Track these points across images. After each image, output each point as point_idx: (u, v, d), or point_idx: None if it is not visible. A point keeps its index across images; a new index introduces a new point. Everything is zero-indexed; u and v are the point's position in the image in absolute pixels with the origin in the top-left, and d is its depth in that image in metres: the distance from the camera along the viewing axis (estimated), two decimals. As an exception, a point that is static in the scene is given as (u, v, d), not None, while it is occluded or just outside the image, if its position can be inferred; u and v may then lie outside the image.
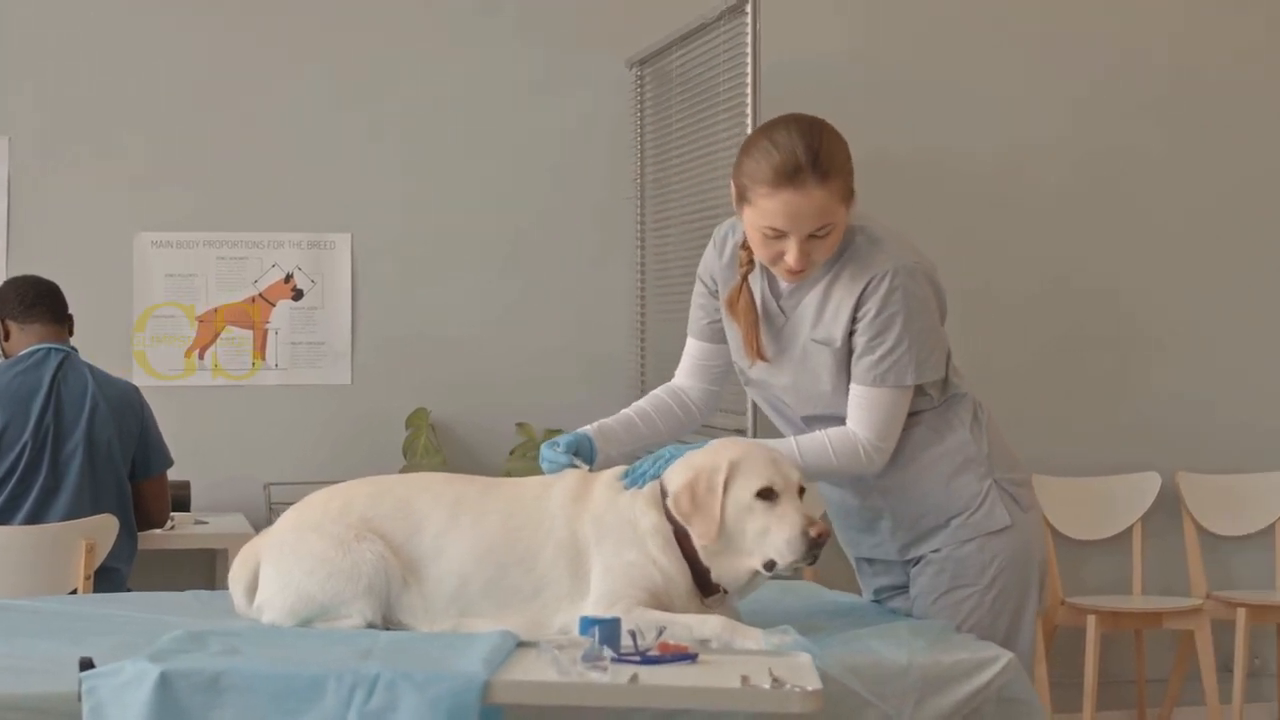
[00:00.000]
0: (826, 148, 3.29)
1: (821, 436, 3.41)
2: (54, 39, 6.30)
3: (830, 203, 3.29)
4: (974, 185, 6.86)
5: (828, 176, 3.27)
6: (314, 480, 5.97)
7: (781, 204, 3.28)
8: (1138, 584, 6.79)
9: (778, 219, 3.29)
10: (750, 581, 3.18)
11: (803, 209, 3.27)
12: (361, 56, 6.51)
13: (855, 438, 3.40)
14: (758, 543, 3.13)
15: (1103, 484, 6.84)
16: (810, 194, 3.26)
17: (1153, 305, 7.03)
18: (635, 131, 6.62)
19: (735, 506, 3.14)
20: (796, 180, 3.26)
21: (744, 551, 3.14)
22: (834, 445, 3.39)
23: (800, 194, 3.26)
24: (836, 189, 3.29)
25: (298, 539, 3.24)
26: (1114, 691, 6.81)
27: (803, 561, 3.10)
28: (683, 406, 3.70)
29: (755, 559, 3.13)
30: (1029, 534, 3.53)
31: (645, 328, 6.58)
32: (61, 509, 5.20)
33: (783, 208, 3.28)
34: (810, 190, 3.26)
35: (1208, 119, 7.08)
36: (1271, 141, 7.14)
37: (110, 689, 2.68)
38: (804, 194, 3.26)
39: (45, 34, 6.29)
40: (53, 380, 5.28)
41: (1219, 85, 7.09)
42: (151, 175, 6.36)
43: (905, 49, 6.83)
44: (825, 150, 3.28)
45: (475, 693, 2.61)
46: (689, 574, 3.16)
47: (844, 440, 3.40)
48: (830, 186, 3.28)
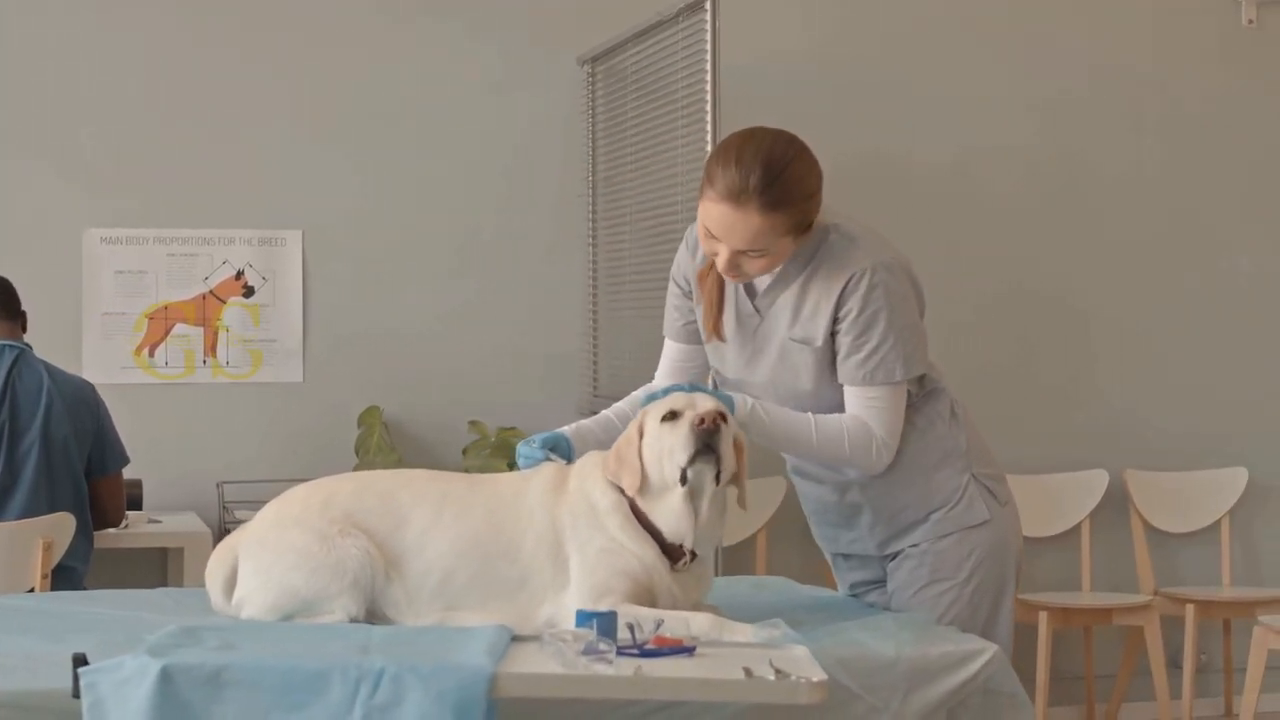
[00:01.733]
0: (787, 179, 3.26)
1: (839, 421, 3.40)
2: (3, 34, 6.22)
3: (768, 232, 3.27)
4: (930, 188, 6.88)
5: (775, 208, 3.25)
6: (267, 479, 5.99)
7: (720, 214, 3.28)
8: (1087, 580, 6.83)
9: (713, 225, 3.29)
10: (691, 519, 3.13)
11: (737, 227, 3.27)
12: (314, 54, 6.46)
13: (871, 432, 3.39)
14: (669, 465, 3.12)
15: (1052, 481, 6.88)
16: (749, 218, 3.25)
17: (1103, 308, 7.09)
18: (587, 128, 6.61)
19: (648, 446, 3.15)
20: (740, 201, 3.25)
21: (665, 483, 3.14)
22: (850, 433, 3.39)
23: (739, 214, 3.26)
24: (781, 221, 3.27)
25: (279, 534, 3.22)
26: (1064, 687, 6.86)
27: (703, 460, 3.08)
28: None
29: (671, 482, 3.12)
30: (1006, 527, 3.54)
31: (598, 325, 6.57)
32: (18, 507, 5.14)
33: (720, 218, 3.28)
34: (750, 215, 3.25)
35: (1164, 128, 7.15)
36: (1227, 152, 7.20)
37: (110, 684, 2.64)
38: (743, 215, 3.25)
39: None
40: (7, 377, 5.21)
41: (1176, 93, 7.16)
42: (101, 171, 6.29)
43: (864, 51, 6.85)
44: (784, 182, 3.26)
45: (483, 685, 2.60)
46: (652, 542, 3.15)
47: (860, 431, 3.39)
48: (774, 218, 3.26)
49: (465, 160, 6.57)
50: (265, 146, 6.41)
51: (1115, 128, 7.09)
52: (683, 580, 3.17)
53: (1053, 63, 7.03)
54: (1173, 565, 7.05)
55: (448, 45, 6.56)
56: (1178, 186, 7.16)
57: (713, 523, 3.19)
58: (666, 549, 3.15)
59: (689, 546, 3.15)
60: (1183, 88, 7.16)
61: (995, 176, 6.97)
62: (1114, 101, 7.09)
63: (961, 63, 6.94)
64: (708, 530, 3.18)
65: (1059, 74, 7.03)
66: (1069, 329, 7.06)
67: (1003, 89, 6.97)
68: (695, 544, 3.16)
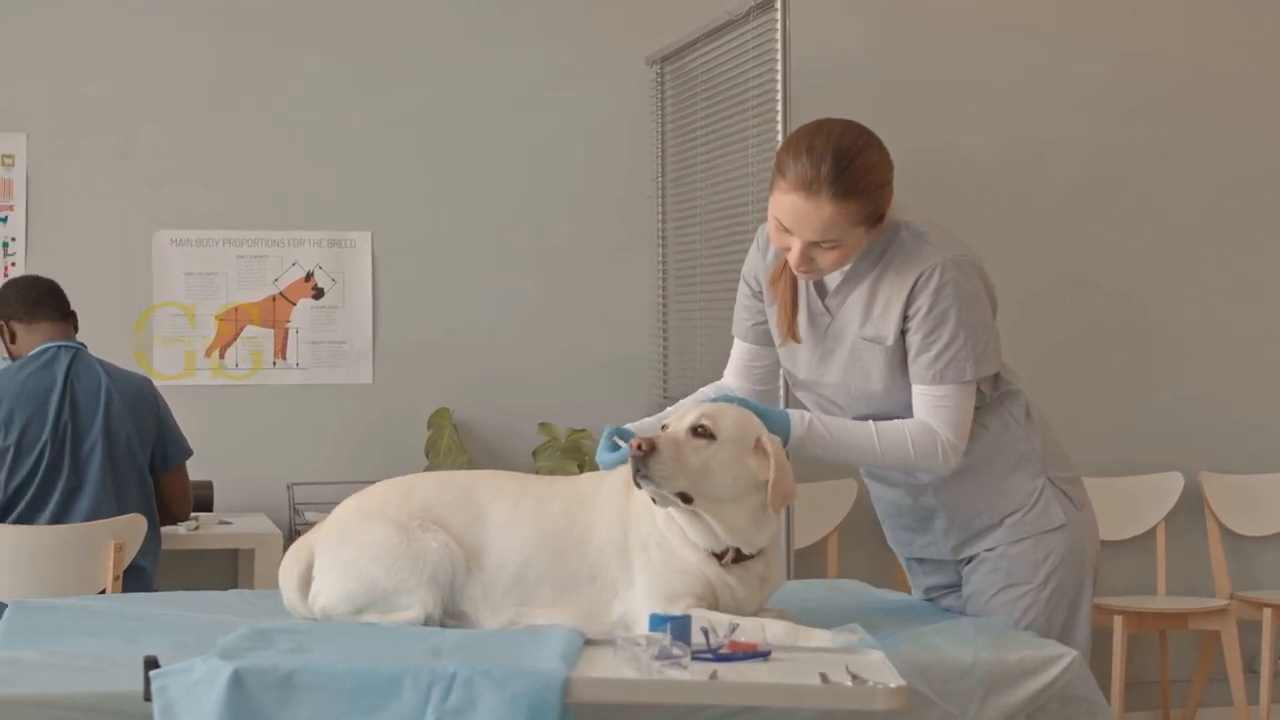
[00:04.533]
0: (858, 168, 3.23)
1: (902, 426, 3.35)
2: (72, 35, 6.25)
3: (840, 222, 3.23)
4: (994, 180, 6.84)
5: (846, 197, 3.22)
6: (337, 480, 5.99)
7: (791, 205, 3.24)
8: (1162, 584, 6.76)
9: (784, 216, 3.27)
10: (697, 524, 3.11)
11: (809, 218, 3.24)
12: (383, 54, 6.47)
13: (935, 433, 3.34)
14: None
15: (1125, 484, 6.80)
16: (820, 207, 3.22)
17: (1173, 304, 7.02)
18: (656, 129, 6.58)
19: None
20: (811, 190, 3.22)
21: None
22: (913, 438, 3.34)
23: (811, 204, 3.22)
24: (853, 210, 3.23)
25: (360, 525, 3.22)
26: (1139, 693, 6.79)
27: (643, 481, 3.05)
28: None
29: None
30: (1083, 531, 3.50)
31: (667, 325, 6.55)
32: (85, 507, 5.15)
33: (791, 209, 3.25)
34: (821, 204, 3.22)
35: (1227, 115, 7.07)
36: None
37: (181, 688, 2.63)
38: (814, 205, 3.22)
39: (63, 30, 6.24)
40: (66, 378, 5.22)
41: (1239, 81, 7.07)
42: (171, 173, 6.32)
43: (932, 46, 6.81)
44: (855, 170, 3.23)
45: (556, 690, 2.57)
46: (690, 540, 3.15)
47: (923, 434, 3.34)
48: (846, 207, 3.22)
49: (534, 160, 6.57)
50: (334, 148, 6.42)
51: (1178, 118, 7.02)
52: (742, 577, 3.15)
53: (1120, 54, 6.96)
54: (1249, 569, 6.97)
55: (517, 46, 6.56)
56: (1247, 175, 7.08)
57: (739, 524, 3.13)
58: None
59: (707, 547, 3.13)
60: (1243, 73, 7.08)
61: (1058, 169, 6.91)
62: (1176, 91, 7.02)
63: (1031, 55, 6.89)
64: (737, 531, 3.13)
65: (1127, 65, 6.97)
66: (1137, 326, 6.99)
67: (1065, 79, 6.91)
68: (723, 544, 3.13)
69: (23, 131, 6.22)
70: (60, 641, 3.10)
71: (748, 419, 3.17)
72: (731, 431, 3.13)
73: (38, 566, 5.03)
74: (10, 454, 5.15)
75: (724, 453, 3.11)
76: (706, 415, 3.13)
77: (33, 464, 5.15)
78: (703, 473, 3.08)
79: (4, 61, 6.22)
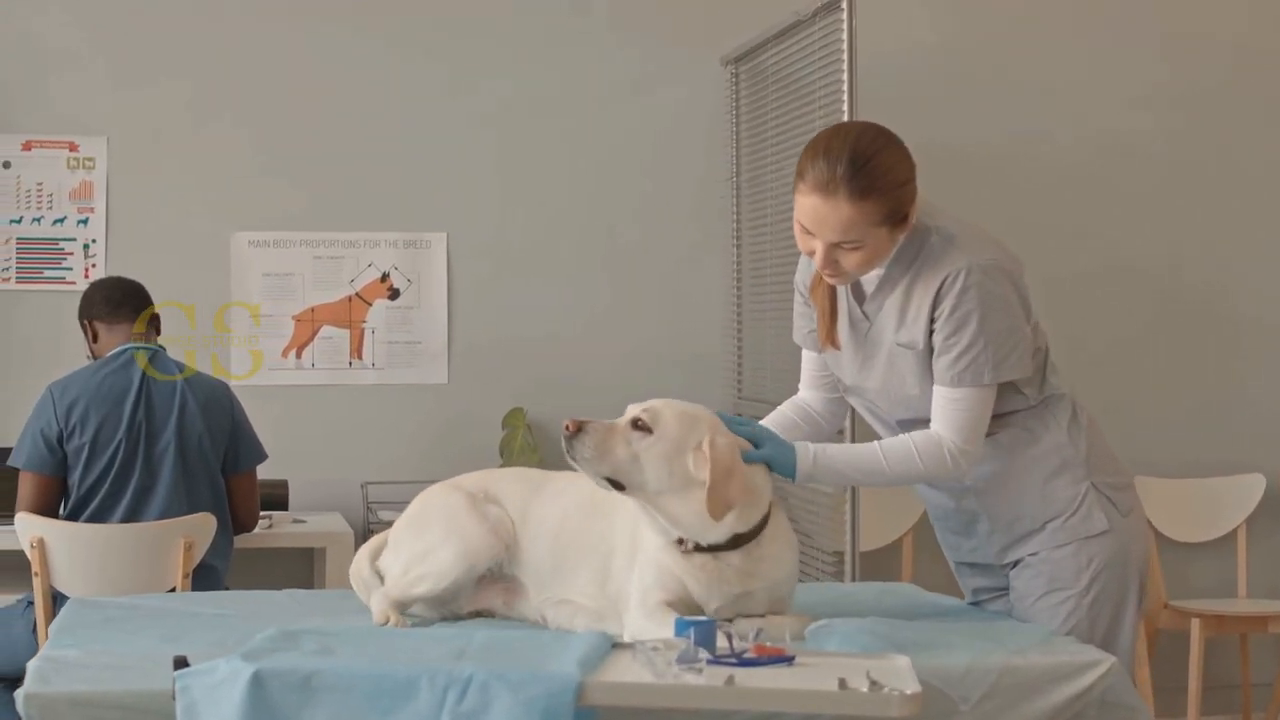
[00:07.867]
0: (875, 167, 3.24)
1: (907, 440, 3.36)
2: (151, 38, 6.34)
3: (859, 221, 3.24)
4: (1066, 175, 6.78)
5: (863, 196, 3.22)
6: (411, 480, 5.99)
7: (811, 207, 3.26)
8: (1243, 587, 6.68)
9: (805, 219, 3.28)
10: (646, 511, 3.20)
11: (828, 219, 3.25)
12: (455, 55, 6.51)
13: (940, 440, 3.34)
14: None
15: (1206, 485, 6.73)
16: (839, 207, 3.23)
17: (1258, 300, 6.93)
18: (730, 129, 6.59)
19: None
20: (828, 190, 3.23)
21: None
22: (919, 449, 3.34)
23: (829, 204, 3.24)
24: (871, 209, 3.24)
25: (425, 500, 3.50)
26: (1218, 696, 6.71)
27: (567, 454, 3.18)
28: (807, 419, 3.68)
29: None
30: (1128, 538, 3.47)
31: (742, 327, 6.55)
32: (157, 507, 5.22)
33: (811, 210, 3.26)
34: (839, 204, 3.23)
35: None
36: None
37: (203, 688, 2.67)
38: (833, 205, 3.23)
39: (142, 33, 6.33)
40: (142, 379, 5.30)
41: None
42: (248, 175, 6.39)
43: (998, 41, 6.76)
44: (872, 169, 3.23)
45: (570, 694, 2.59)
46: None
47: (929, 444, 3.34)
48: (863, 206, 3.23)
49: (608, 161, 6.59)
50: (409, 149, 6.47)
51: (1263, 117, 6.93)
52: (706, 565, 3.18)
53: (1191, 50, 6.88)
54: (1332, 572, 6.89)
55: (591, 46, 6.58)
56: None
57: (680, 517, 3.16)
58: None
59: (660, 534, 3.20)
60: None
61: (1137, 167, 6.84)
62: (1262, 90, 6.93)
63: (1098, 48, 6.83)
64: (679, 523, 3.17)
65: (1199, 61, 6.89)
66: (1225, 326, 6.90)
67: (1141, 71, 6.85)
68: (673, 534, 3.19)
69: (103, 135, 6.32)
70: (105, 640, 3.17)
71: (694, 421, 3.20)
72: (670, 428, 3.17)
73: (109, 565, 5.11)
74: (85, 452, 5.22)
75: (659, 448, 3.15)
76: (648, 410, 3.20)
77: (106, 463, 5.23)
78: (632, 463, 3.15)
79: (85, 66, 6.31)
